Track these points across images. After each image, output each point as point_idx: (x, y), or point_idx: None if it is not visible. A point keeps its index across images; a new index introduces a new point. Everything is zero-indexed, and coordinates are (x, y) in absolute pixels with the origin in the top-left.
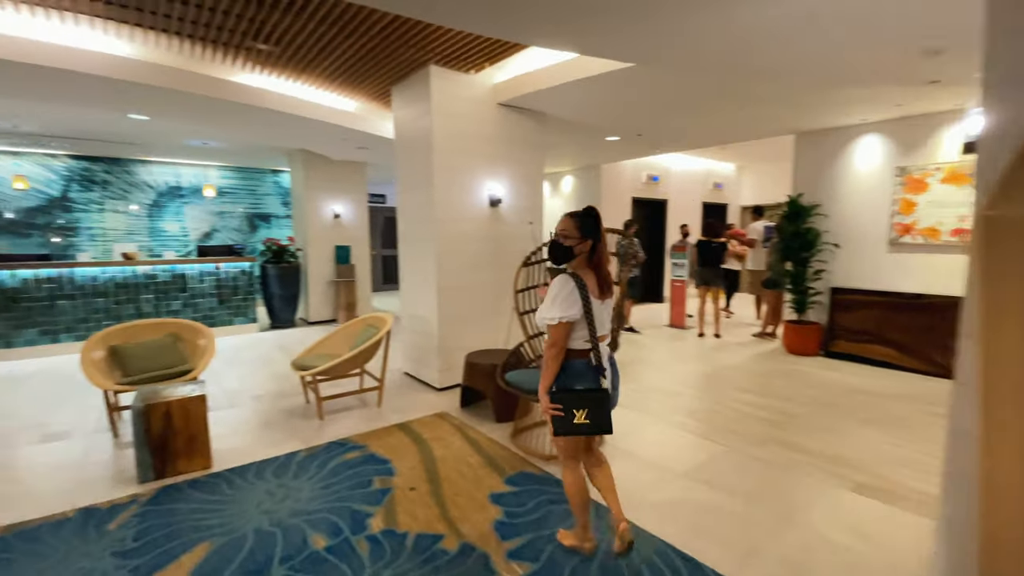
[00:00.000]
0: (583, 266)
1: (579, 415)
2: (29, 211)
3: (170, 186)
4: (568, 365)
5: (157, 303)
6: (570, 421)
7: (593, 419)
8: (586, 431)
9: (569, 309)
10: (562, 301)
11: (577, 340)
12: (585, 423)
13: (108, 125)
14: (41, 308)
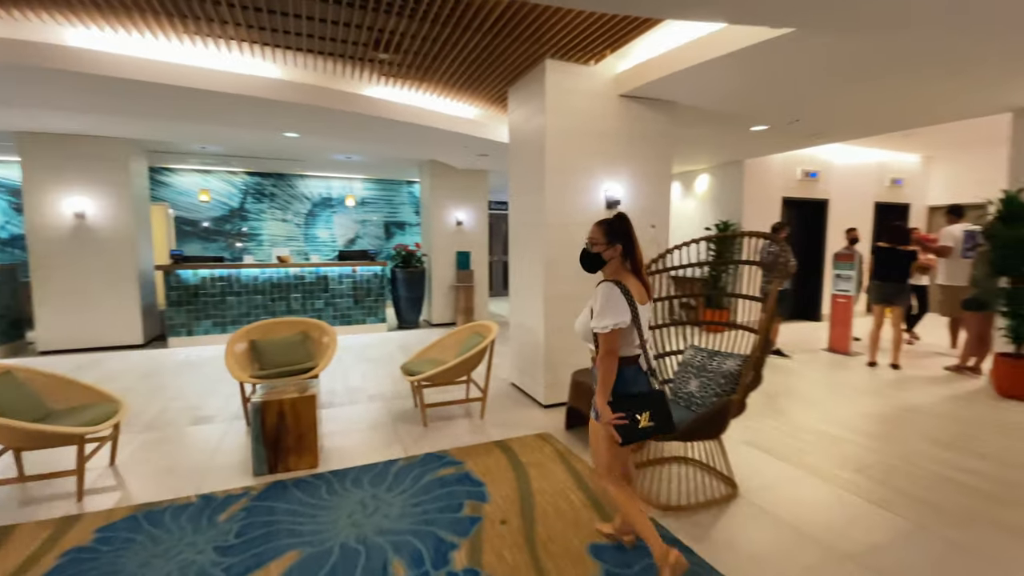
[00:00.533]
0: (621, 271)
1: (643, 419)
2: (216, 220)
3: (322, 197)
4: (621, 372)
5: (304, 301)
6: (636, 427)
7: (657, 420)
8: (652, 433)
9: (621, 315)
10: (612, 308)
11: (627, 346)
12: (650, 425)
13: (270, 144)
14: (214, 303)
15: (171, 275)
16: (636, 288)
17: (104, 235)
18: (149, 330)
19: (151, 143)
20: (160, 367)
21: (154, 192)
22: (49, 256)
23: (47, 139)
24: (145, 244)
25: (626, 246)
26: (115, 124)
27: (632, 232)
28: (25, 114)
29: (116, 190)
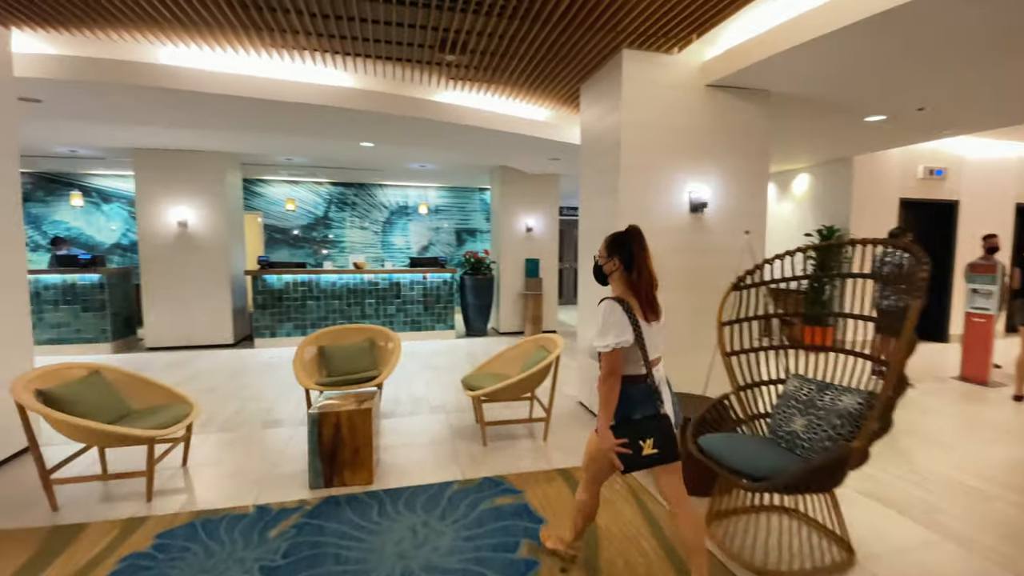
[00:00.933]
0: (624, 288)
1: (646, 446)
2: (303, 227)
3: (399, 205)
4: (626, 393)
5: (377, 307)
6: (639, 454)
7: (662, 448)
8: (656, 462)
9: (621, 334)
10: (613, 326)
11: (631, 365)
12: (654, 453)
13: (349, 154)
14: (296, 306)
15: (258, 280)
16: (637, 305)
17: (202, 242)
18: (239, 331)
19: (244, 156)
20: (244, 367)
21: (248, 202)
22: (156, 261)
23: (156, 154)
24: (238, 250)
25: (625, 261)
26: (211, 138)
27: (636, 247)
28: (137, 131)
29: (213, 200)
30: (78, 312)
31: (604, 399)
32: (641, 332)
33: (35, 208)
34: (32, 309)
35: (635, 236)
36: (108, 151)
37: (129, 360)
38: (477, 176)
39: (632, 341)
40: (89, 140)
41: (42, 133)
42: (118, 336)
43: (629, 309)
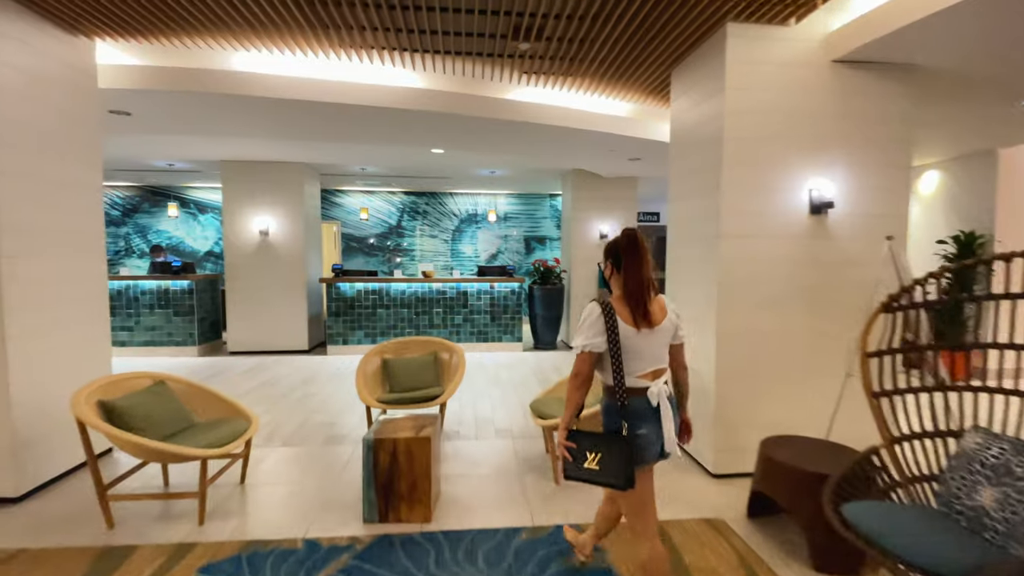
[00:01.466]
0: (616, 293)
1: (591, 459)
2: (377, 236)
3: (468, 213)
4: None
5: (444, 316)
6: (579, 464)
7: (605, 468)
8: (596, 481)
9: (592, 338)
10: (587, 328)
11: (605, 373)
12: (595, 470)
13: (420, 161)
14: (367, 314)
15: (332, 287)
16: (628, 313)
17: (281, 250)
18: (313, 337)
19: (322, 166)
20: (315, 374)
21: (327, 211)
22: (239, 268)
23: (242, 166)
24: (314, 258)
25: (615, 265)
26: (291, 149)
27: (627, 250)
28: (223, 143)
29: (292, 209)
30: (170, 316)
31: (567, 399)
32: (619, 339)
33: (142, 218)
34: (131, 313)
35: (625, 239)
36: (200, 163)
37: (211, 364)
38: (548, 182)
39: (603, 347)
40: (182, 153)
41: (140, 148)
42: (204, 340)
43: (611, 314)
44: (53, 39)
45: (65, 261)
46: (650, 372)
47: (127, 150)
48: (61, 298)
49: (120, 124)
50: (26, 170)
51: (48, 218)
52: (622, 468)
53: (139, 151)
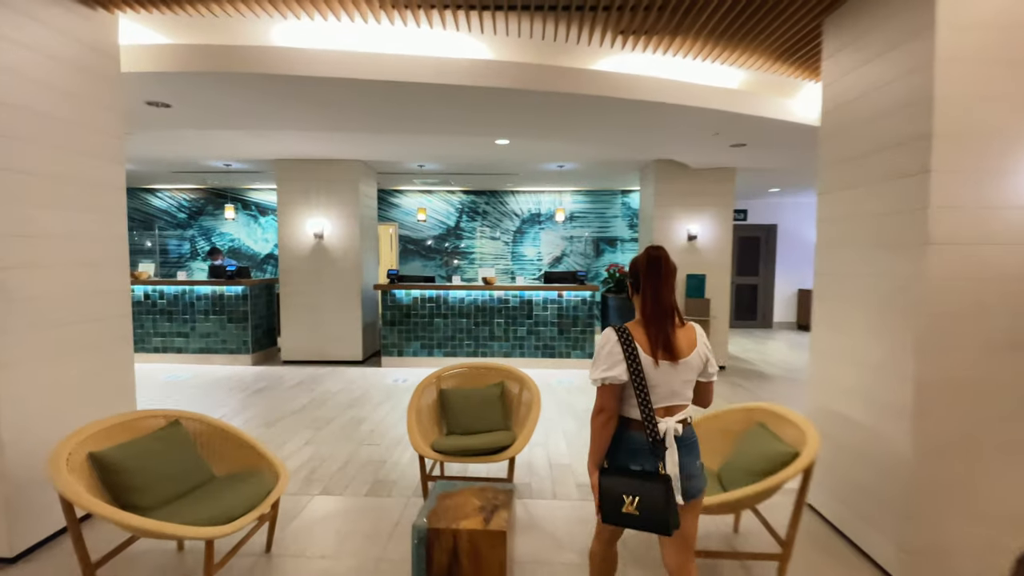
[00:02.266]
0: (636, 318)
1: (628, 503)
2: (435, 238)
3: (531, 213)
4: (624, 437)
5: (506, 328)
6: (618, 508)
7: (645, 514)
8: (638, 525)
9: (610, 369)
10: (604, 359)
11: (628, 407)
12: (634, 514)
13: (482, 155)
14: (423, 324)
15: (387, 294)
16: (646, 342)
17: (336, 254)
18: (368, 347)
19: (378, 163)
20: (368, 391)
21: (384, 212)
22: (293, 273)
23: (296, 165)
24: (370, 263)
25: (634, 286)
26: (343, 144)
27: (647, 271)
28: (276, 140)
29: (347, 210)
30: (224, 323)
31: (592, 436)
32: (641, 370)
33: (207, 221)
34: (186, 319)
35: (646, 258)
36: (255, 163)
37: (262, 375)
38: (621, 176)
39: (624, 378)
40: (235, 152)
41: (193, 147)
42: (258, 347)
43: (629, 340)
44: (66, 10)
45: (76, 273)
46: (662, 408)
47: (181, 150)
48: (71, 317)
49: (163, 119)
50: (29, 167)
51: (55, 222)
52: (666, 513)
53: (192, 151)
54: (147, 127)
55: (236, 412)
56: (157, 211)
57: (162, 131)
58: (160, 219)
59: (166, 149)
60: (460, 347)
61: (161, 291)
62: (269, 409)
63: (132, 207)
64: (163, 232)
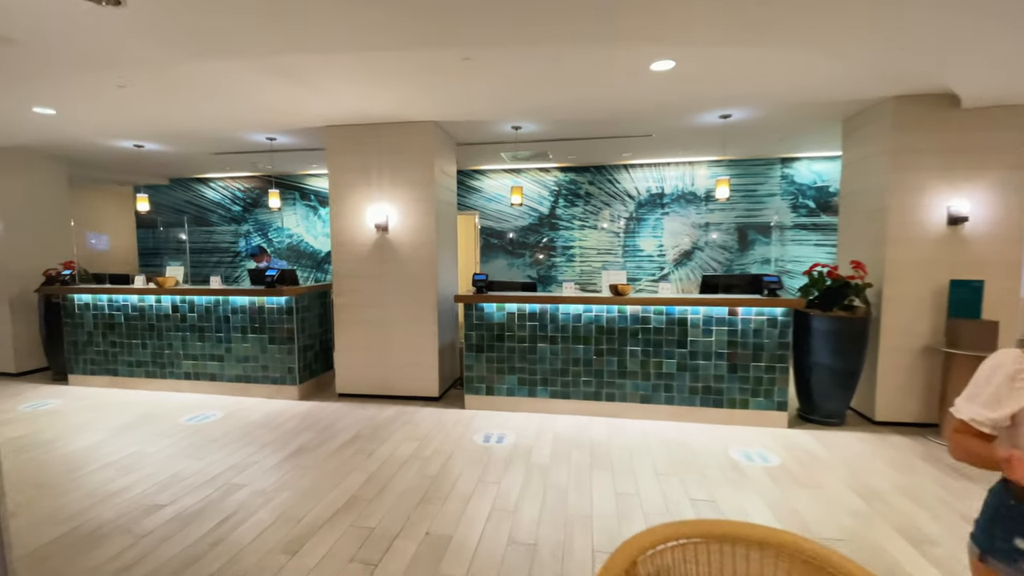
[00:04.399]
0: None
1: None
2: (522, 230)
3: (651, 194)
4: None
5: (644, 360)
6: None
7: None
8: None
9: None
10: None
11: None
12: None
13: (613, 96)
14: (522, 350)
15: (472, 308)
16: None
17: (404, 251)
18: (445, 376)
19: (458, 129)
20: (451, 461)
21: (462, 199)
22: (349, 278)
23: (349, 133)
24: (448, 265)
25: None
26: (414, 90)
27: None
28: (316, 87)
29: (420, 193)
30: (265, 343)
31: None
32: None
33: (263, 214)
34: (220, 337)
35: None
36: (301, 133)
37: (308, 415)
38: (803, 134)
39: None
40: (271, 113)
41: (218, 107)
42: (308, 374)
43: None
44: None
45: None
46: None
47: (202, 114)
48: None
49: (145, 52)
50: None
51: None
52: None
53: (217, 112)
54: (133, 65)
55: (254, 502)
56: (211, 204)
57: (153, 72)
58: (214, 212)
59: (184, 114)
60: (575, 386)
61: (191, 302)
62: (301, 500)
63: (185, 200)
64: (216, 227)
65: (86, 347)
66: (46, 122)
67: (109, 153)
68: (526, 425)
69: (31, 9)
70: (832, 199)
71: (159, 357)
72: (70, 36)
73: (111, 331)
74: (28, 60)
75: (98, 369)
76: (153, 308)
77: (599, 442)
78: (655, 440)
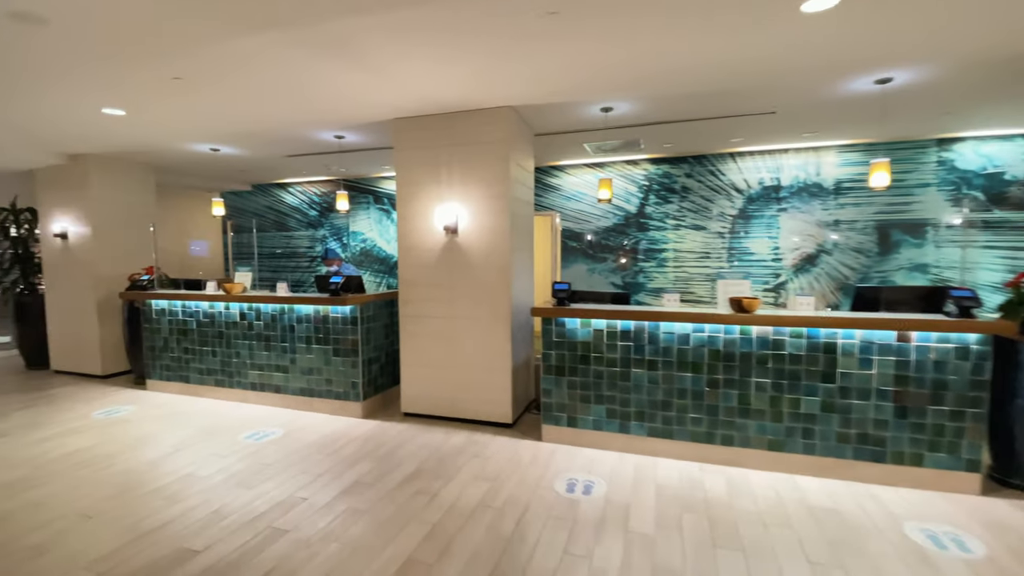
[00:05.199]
0: None
1: None
2: (606, 231)
3: (764, 187)
4: None
5: (775, 395)
6: None
7: None
8: None
9: None
10: None
11: None
12: None
13: (740, 56)
14: (612, 376)
15: (551, 323)
16: None
17: (475, 257)
18: (519, 399)
19: (538, 114)
20: (528, 514)
21: (538, 199)
22: (415, 286)
23: (417, 125)
24: (523, 272)
25: None
26: (482, 70)
27: None
28: (380, 72)
29: (493, 190)
30: (328, 355)
31: None
32: None
33: (338, 219)
34: (285, 348)
35: None
36: (367, 129)
37: (370, 441)
38: (986, 97)
39: None
40: (333, 103)
41: (285, 99)
42: (375, 390)
43: None
44: None
45: None
46: None
47: (281, 120)
48: None
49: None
50: None
51: None
52: None
53: (280, 104)
54: (175, 44)
55: (296, 556)
56: (289, 208)
57: (198, 53)
58: (292, 217)
59: (244, 109)
60: (680, 423)
61: (257, 310)
62: (349, 560)
63: (265, 205)
64: (295, 232)
65: (162, 352)
66: (121, 125)
67: (190, 158)
68: (618, 470)
69: None
70: (1009, 189)
71: (227, 366)
72: (103, 14)
73: (184, 337)
74: (66, 45)
75: (172, 375)
76: (222, 315)
77: (718, 502)
78: (795, 504)
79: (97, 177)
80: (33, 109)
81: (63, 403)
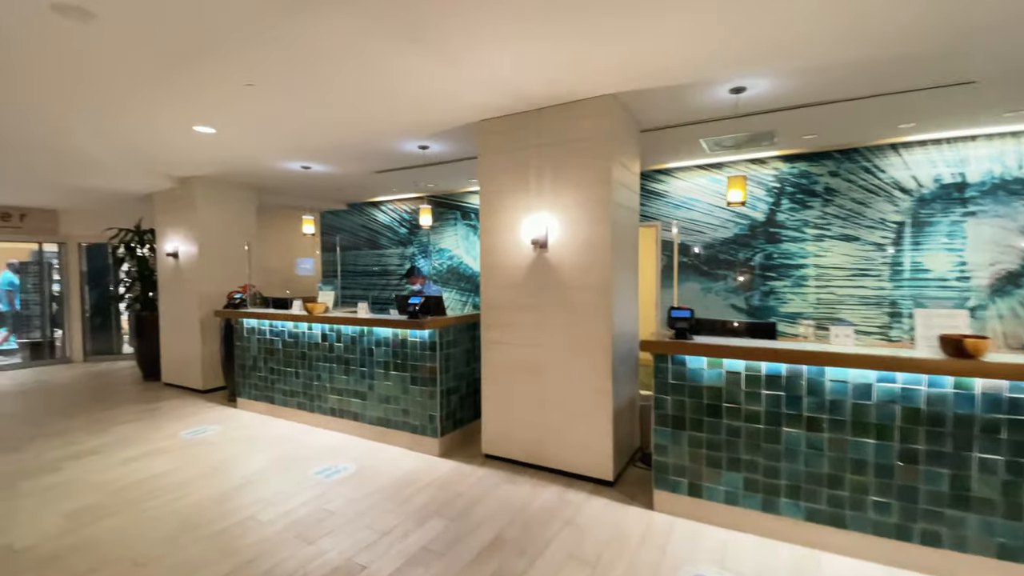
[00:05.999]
0: None
1: None
2: (723, 243)
3: (943, 185)
4: None
5: (1010, 478)
6: None
7: None
8: None
9: None
10: None
11: None
12: None
13: (893, 40)
14: (750, 435)
15: (666, 360)
16: None
17: (568, 275)
18: (622, 449)
19: (646, 102)
20: None
21: (642, 208)
22: (498, 309)
23: (504, 125)
24: (627, 293)
25: None
26: (576, 52)
27: None
28: (457, 61)
29: (590, 194)
30: (407, 383)
31: None
32: None
33: (426, 236)
34: (364, 372)
35: None
36: (450, 136)
37: (449, 483)
38: None
39: None
40: (403, 94)
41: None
42: (451, 425)
43: None
44: None
45: None
46: None
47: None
48: None
49: None
50: None
51: None
52: None
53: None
54: (231, 34)
55: None
56: (381, 227)
57: (258, 48)
58: (383, 235)
59: (323, 116)
60: (856, 508)
61: (338, 331)
62: None
63: (359, 223)
64: (386, 250)
65: (251, 372)
66: (215, 145)
67: (285, 177)
68: (769, 566)
69: None
70: None
71: (309, 388)
72: (149, 6)
73: (271, 357)
74: (119, 44)
75: (259, 395)
76: (305, 336)
77: None
78: None
79: (202, 198)
80: (132, 125)
81: (160, 419)
